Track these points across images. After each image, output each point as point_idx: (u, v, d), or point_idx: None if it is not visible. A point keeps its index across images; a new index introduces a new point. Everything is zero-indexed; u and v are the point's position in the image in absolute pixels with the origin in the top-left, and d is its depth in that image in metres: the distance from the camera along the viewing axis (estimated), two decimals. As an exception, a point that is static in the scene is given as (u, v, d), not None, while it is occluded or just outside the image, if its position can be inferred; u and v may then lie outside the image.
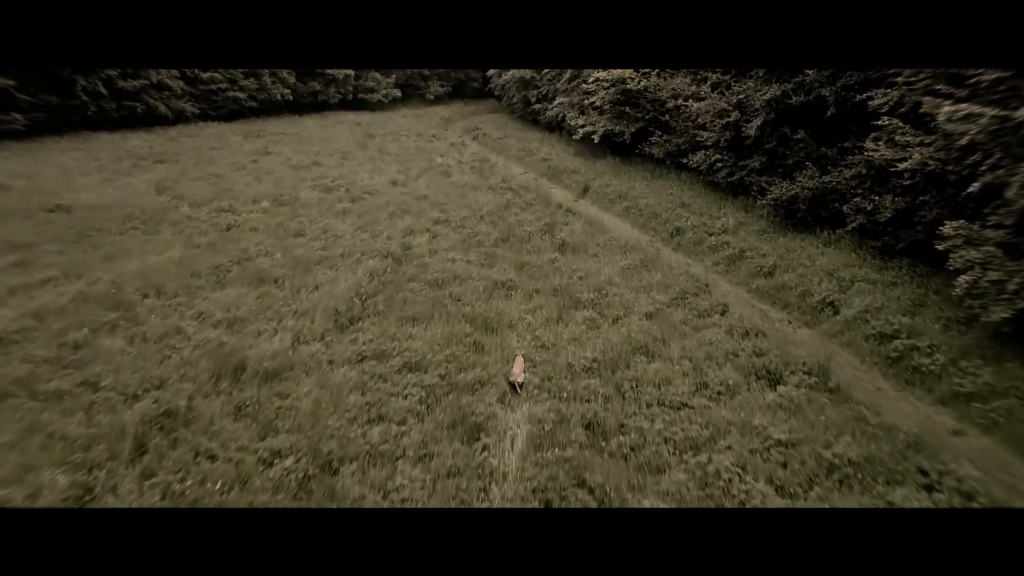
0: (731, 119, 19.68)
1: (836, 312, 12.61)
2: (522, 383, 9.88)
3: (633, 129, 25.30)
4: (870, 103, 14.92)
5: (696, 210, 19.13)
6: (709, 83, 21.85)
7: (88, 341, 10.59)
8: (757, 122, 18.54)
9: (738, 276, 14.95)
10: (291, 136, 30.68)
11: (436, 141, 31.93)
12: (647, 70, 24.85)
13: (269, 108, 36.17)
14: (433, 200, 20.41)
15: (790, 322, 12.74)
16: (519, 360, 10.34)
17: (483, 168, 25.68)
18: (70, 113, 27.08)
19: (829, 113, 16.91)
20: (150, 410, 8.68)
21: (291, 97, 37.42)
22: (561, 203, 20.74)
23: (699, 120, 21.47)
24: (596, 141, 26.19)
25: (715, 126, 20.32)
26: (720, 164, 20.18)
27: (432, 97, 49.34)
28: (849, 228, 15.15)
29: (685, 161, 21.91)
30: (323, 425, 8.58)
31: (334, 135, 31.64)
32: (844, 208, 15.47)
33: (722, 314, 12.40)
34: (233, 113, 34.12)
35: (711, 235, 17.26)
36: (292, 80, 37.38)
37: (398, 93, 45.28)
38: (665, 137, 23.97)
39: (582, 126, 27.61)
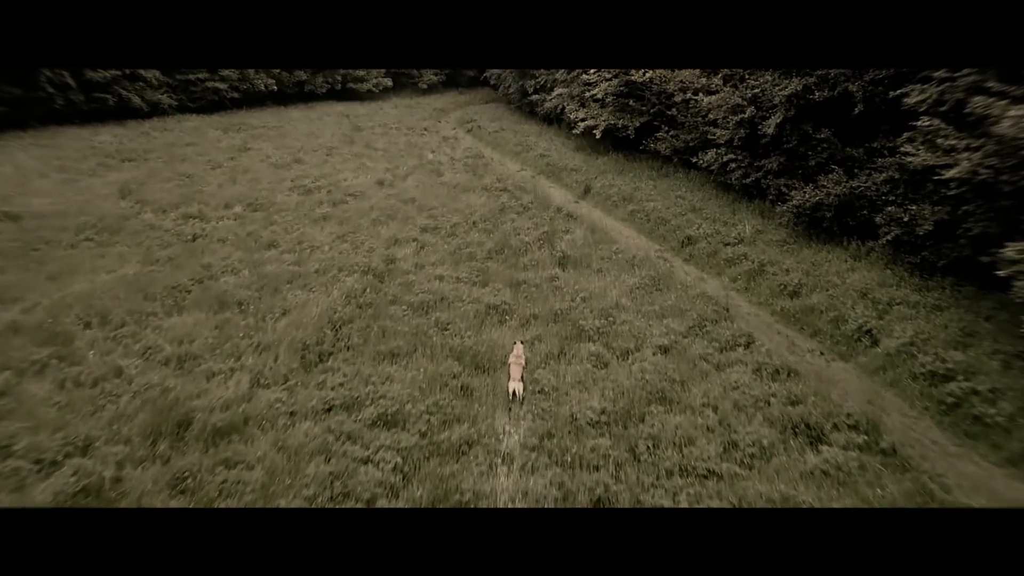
0: (746, 115, 18.05)
1: (875, 342, 11.09)
2: (522, 391, 9.14)
3: (637, 123, 23.69)
4: (905, 100, 13.34)
5: (708, 215, 17.55)
6: (721, 75, 20.20)
7: (9, 387, 8.99)
8: (775, 119, 16.92)
9: (759, 295, 13.39)
10: (274, 130, 28.94)
11: (428, 135, 30.23)
12: (652, 60, 23.15)
13: (252, 99, 34.35)
14: (422, 204, 18.78)
15: (822, 353, 11.21)
16: (518, 348, 9.69)
17: (477, 166, 24.02)
18: (34, 106, 25.26)
19: (857, 110, 15.33)
20: (66, 486, 7.11)
21: (275, 87, 35.58)
22: (561, 206, 19.13)
23: (710, 116, 19.83)
24: (598, 136, 24.53)
25: (728, 123, 18.70)
26: (734, 164, 18.57)
27: (425, 87, 47.50)
28: (882, 241, 13.58)
29: (695, 160, 20.30)
30: (275, 507, 7.04)
31: (319, 128, 29.90)
32: (877, 218, 13.90)
33: (747, 347, 10.85)
34: (213, 105, 32.30)
35: (726, 245, 15.70)
36: (276, 70, 35.50)
37: (389, 83, 43.41)
38: (672, 133, 22.33)
39: (583, 119, 25.97)
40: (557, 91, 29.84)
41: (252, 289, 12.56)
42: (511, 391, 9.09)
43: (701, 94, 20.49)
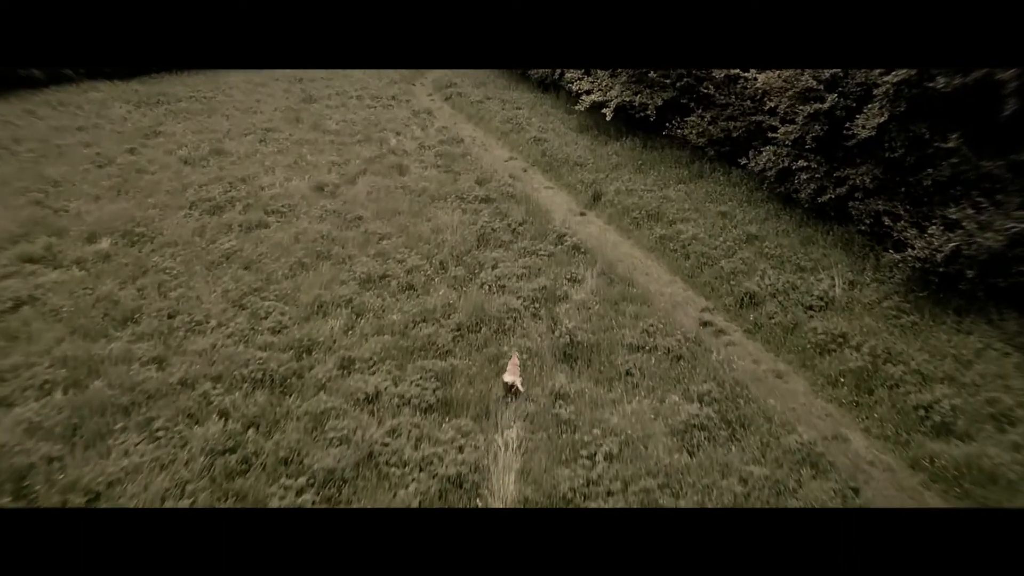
0: (824, 106, 12.75)
1: None
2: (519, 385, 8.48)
3: (660, 101, 18.21)
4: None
5: (772, 252, 12.42)
6: (784, 44, 14.71)
7: None
8: (875, 116, 11.68)
9: (883, 423, 8.39)
10: (202, 103, 23.15)
11: (396, 107, 24.49)
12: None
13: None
14: (370, 228, 13.51)
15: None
16: (514, 360, 8.88)
17: (453, 156, 18.55)
18: None
19: (1008, 108, 10.20)
20: None
21: (215, 45, 29.37)
22: (563, 230, 13.81)
23: (766, 100, 14.49)
24: (608, 118, 19.03)
25: (795, 114, 13.38)
26: (804, 174, 13.32)
27: (401, 38, 41.03)
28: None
29: (743, 161, 14.99)
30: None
31: (261, 99, 24.10)
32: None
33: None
34: (133, 69, 26.23)
35: (809, 310, 10.66)
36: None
37: (358, 35, 36.95)
38: (708, 117, 16.95)
39: (588, 92, 20.41)
40: (555, 52, 24.09)
41: (54, 438, 7.51)
42: (508, 384, 8.49)
43: (752, 69, 15.13)
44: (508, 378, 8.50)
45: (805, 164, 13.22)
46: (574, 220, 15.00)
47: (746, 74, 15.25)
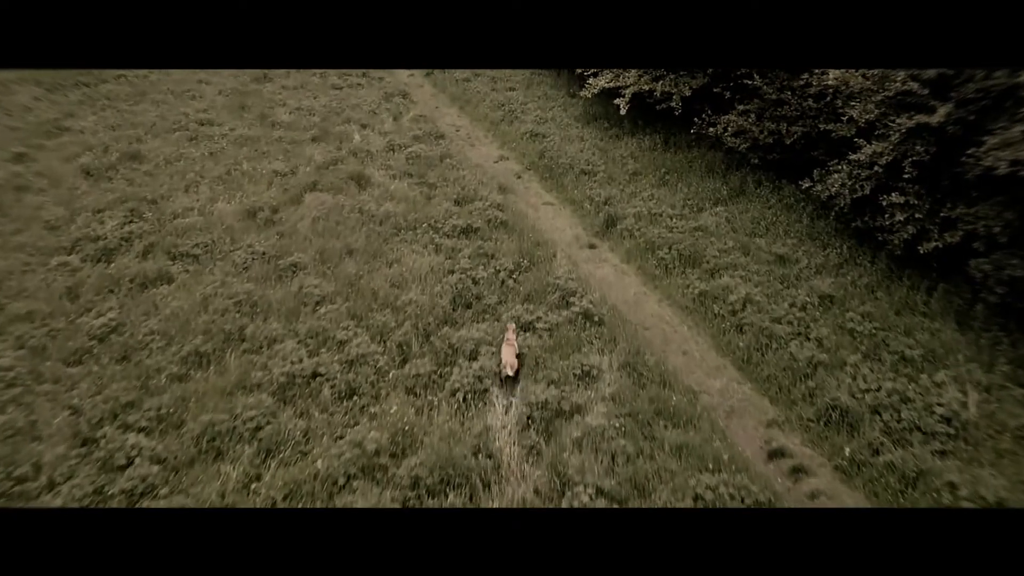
0: (932, 120, 9.10)
1: None
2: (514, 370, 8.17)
3: (687, 91, 14.47)
4: None
5: (859, 328, 8.96)
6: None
7: None
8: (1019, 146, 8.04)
9: None
10: (131, 84, 19.16)
11: (366, 87, 20.50)
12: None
13: (122, 26, 24.06)
14: (307, 284, 9.96)
15: None
16: (510, 333, 8.54)
17: (429, 161, 14.81)
18: None
19: None
20: None
21: (157, 8, 25.18)
22: (570, 286, 10.18)
23: (838, 103, 10.81)
24: (623, 111, 15.23)
25: (886, 126, 9.74)
26: (900, 213, 9.71)
27: None
28: None
29: (806, 184, 11.32)
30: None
31: (205, 77, 20.06)
32: None
33: None
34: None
35: (931, 440, 7.27)
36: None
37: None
38: (752, 115, 13.21)
39: (595, 74, 16.58)
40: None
41: None
42: (503, 375, 8.11)
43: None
44: (505, 370, 8.14)
45: (903, 200, 9.60)
46: (582, 257, 11.51)
47: (811, 65, 11.50)
